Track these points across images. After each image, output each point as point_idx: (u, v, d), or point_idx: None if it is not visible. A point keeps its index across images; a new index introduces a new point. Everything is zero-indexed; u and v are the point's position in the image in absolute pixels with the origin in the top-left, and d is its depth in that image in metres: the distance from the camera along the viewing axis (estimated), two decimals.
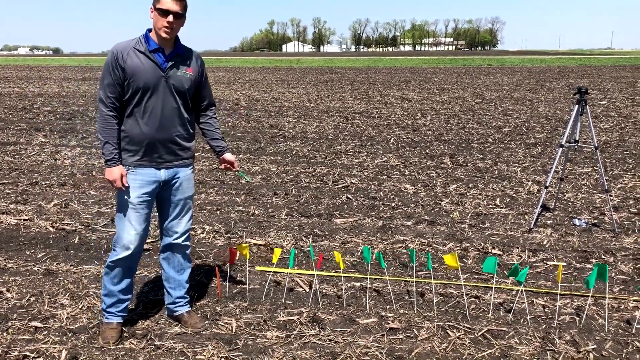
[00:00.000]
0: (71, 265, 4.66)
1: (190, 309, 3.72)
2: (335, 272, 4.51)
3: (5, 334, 3.50)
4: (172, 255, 3.61)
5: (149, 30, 3.29)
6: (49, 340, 3.42)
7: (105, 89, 3.21)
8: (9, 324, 3.63)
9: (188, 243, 3.64)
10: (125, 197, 3.31)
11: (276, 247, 5.07)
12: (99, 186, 7.26)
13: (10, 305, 3.89)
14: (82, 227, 5.63)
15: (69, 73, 38.69)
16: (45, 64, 61.45)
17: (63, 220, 5.80)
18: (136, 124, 3.25)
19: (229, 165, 3.71)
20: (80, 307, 3.87)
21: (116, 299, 3.47)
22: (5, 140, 10.87)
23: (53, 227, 5.61)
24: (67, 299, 4.00)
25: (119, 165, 3.27)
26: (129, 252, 3.36)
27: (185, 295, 3.70)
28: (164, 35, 3.19)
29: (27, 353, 3.27)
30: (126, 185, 3.29)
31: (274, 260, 4.10)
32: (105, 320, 3.51)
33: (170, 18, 3.15)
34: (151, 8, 3.21)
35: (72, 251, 5.01)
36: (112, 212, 6.13)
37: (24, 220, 5.82)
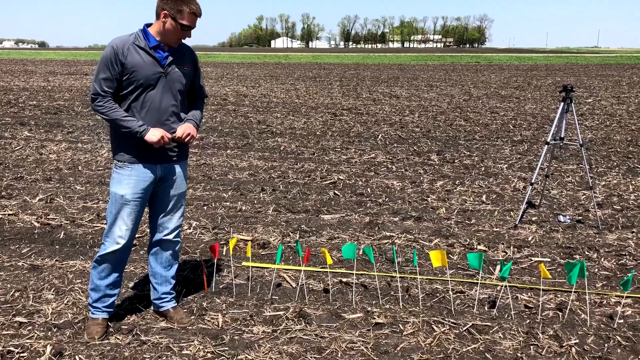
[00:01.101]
0: (56, 260, 4.64)
1: (176, 304, 3.72)
2: (322, 267, 4.52)
3: None
4: (161, 252, 3.59)
5: (147, 25, 3.29)
6: (33, 336, 3.41)
7: (102, 82, 3.18)
8: None
9: (179, 239, 3.63)
10: (120, 192, 3.29)
11: (246, 241, 5.08)
12: (85, 181, 7.21)
13: None
14: (68, 222, 5.59)
15: (55, 67, 38.29)
16: (31, 57, 60.76)
17: (48, 215, 5.76)
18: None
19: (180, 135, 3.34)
20: (65, 302, 3.85)
21: (103, 294, 3.45)
22: None
23: (38, 222, 5.57)
24: (52, 294, 3.98)
25: (150, 128, 3.21)
26: (119, 246, 3.35)
27: (172, 291, 3.69)
28: (174, 45, 3.27)
29: (12, 348, 3.25)
30: (169, 136, 3.26)
31: (248, 254, 4.10)
32: (91, 315, 3.50)
33: (190, 34, 3.25)
34: (165, 12, 3.16)
35: (57, 246, 4.98)
36: (97, 207, 6.09)
37: (9, 215, 5.77)
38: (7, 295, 3.94)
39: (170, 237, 3.56)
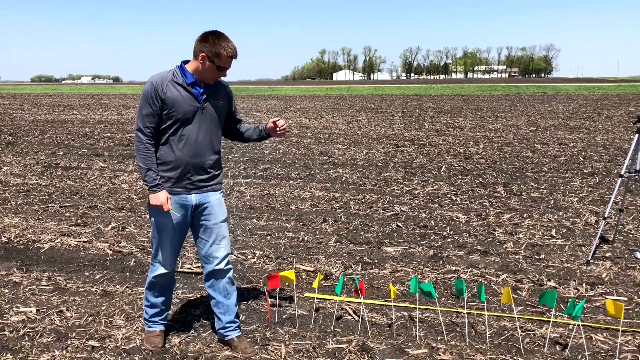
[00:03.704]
0: (127, 286, 4.80)
1: (240, 333, 3.76)
2: (385, 301, 4.47)
3: (64, 351, 3.63)
4: (217, 282, 3.69)
5: (184, 62, 3.48)
6: None
7: (144, 118, 3.39)
8: (68, 342, 3.76)
9: (230, 267, 3.73)
10: (161, 220, 3.49)
11: (319, 272, 5.08)
12: None
13: (69, 324, 4.04)
14: (138, 250, 5.79)
15: (128, 101, 40.25)
16: (106, 92, 64.15)
17: (120, 243, 5.99)
18: (171, 151, 3.43)
19: (278, 127, 3.68)
20: (134, 328, 3.97)
21: (159, 310, 3.74)
22: (67, 165, 11.36)
23: (110, 249, 5.80)
24: (123, 319, 4.12)
25: (163, 190, 3.44)
26: (165, 270, 3.61)
27: (235, 320, 3.75)
28: (211, 82, 3.45)
29: None
30: (171, 207, 3.45)
31: (315, 285, 4.10)
32: (148, 328, 3.76)
33: (225, 73, 3.44)
34: (203, 53, 3.33)
35: (127, 273, 5.16)
36: None
37: (84, 242, 6.04)
38: (81, 320, 4.11)
39: (222, 266, 3.65)
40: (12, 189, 8.91)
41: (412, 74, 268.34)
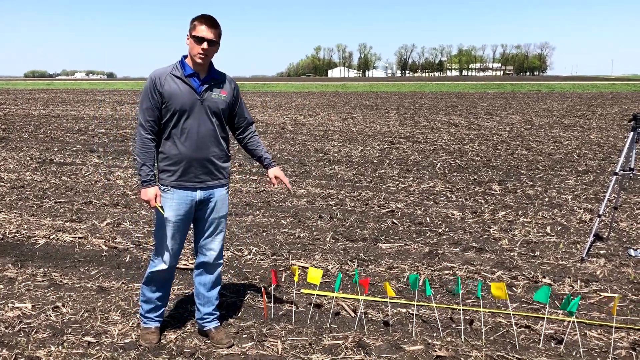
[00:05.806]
0: (122, 282, 4.79)
1: (218, 324, 3.83)
2: (381, 297, 4.48)
3: (60, 347, 3.62)
4: (204, 274, 3.75)
5: (185, 57, 3.48)
6: (101, 356, 3.52)
7: (144, 112, 3.41)
8: (64, 338, 3.75)
9: (220, 261, 3.76)
10: (164, 215, 3.48)
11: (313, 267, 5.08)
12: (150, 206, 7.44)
13: (65, 320, 4.03)
14: (134, 246, 5.78)
15: (122, 97, 40.08)
16: (100, 87, 63.84)
17: (115, 239, 5.98)
18: (174, 145, 3.42)
19: (279, 180, 3.85)
20: (130, 324, 3.96)
21: (154, 305, 3.71)
22: (62, 160, 11.32)
23: (106, 245, 5.78)
24: (119, 315, 4.11)
25: (154, 186, 3.46)
26: (166, 266, 3.58)
27: (214, 312, 3.81)
28: (198, 61, 3.37)
29: None
30: (159, 204, 3.46)
31: (310, 280, 4.10)
32: (143, 325, 3.74)
33: (205, 45, 3.34)
34: (187, 35, 3.39)
35: (123, 269, 5.15)
36: None
37: (79, 238, 6.02)
38: (77, 315, 4.10)
39: (212, 259, 3.70)
40: (7, 184, 8.87)
41: (407, 72, 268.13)
